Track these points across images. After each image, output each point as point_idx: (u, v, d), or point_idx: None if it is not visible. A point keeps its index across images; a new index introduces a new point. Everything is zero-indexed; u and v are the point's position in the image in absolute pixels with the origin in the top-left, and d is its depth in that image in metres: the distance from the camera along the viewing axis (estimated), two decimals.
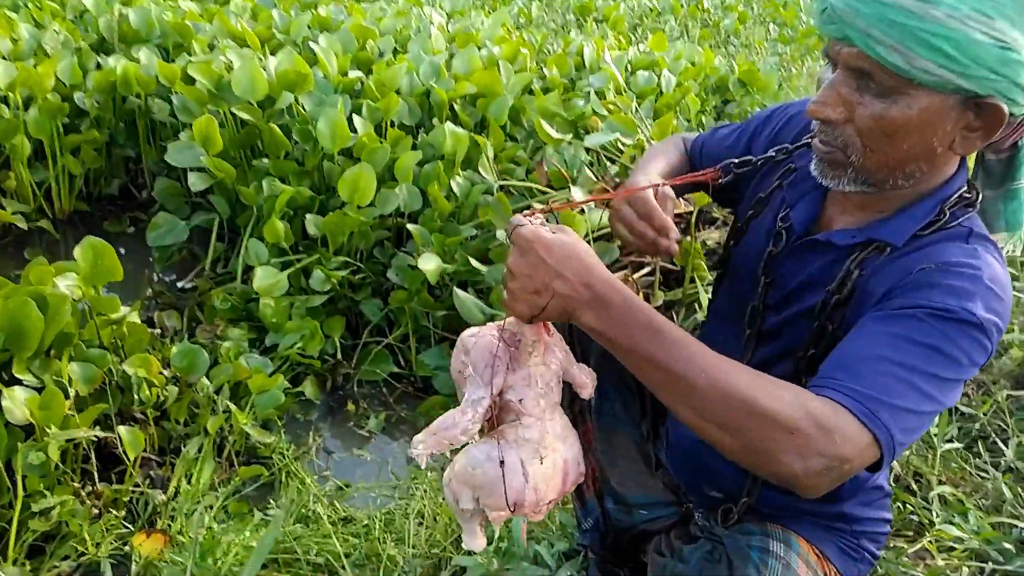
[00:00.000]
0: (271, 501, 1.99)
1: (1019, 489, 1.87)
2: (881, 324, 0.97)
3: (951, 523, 1.71)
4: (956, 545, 1.70)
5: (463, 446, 1.01)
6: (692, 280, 2.43)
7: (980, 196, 1.08)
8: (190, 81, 3.04)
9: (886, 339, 0.95)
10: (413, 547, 1.67)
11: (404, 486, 2.05)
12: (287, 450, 2.11)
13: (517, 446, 0.99)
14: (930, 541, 1.68)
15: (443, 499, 1.86)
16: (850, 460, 0.87)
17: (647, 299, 2.43)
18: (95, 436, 1.82)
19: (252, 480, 2.03)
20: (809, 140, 1.16)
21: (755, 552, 1.11)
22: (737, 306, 1.27)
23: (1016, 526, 1.75)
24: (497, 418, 1.04)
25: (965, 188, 1.07)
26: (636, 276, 2.51)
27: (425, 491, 1.95)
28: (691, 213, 2.60)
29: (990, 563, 1.65)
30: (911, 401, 0.92)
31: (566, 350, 1.08)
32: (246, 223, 2.80)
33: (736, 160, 1.23)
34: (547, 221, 1.00)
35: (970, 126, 0.97)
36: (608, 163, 2.94)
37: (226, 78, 2.97)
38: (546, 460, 1.00)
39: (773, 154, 1.23)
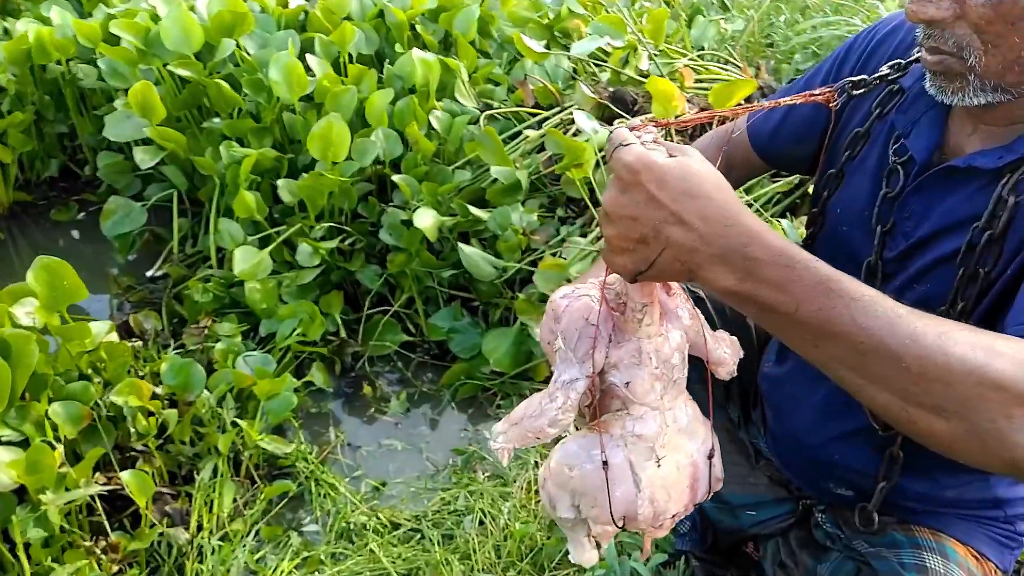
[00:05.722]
0: (305, 515, 1.81)
1: None
2: None
3: None
4: None
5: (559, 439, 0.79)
6: None
7: None
8: (114, 40, 2.66)
9: None
10: (484, 570, 1.50)
11: (444, 476, 1.89)
12: (310, 455, 1.91)
13: (625, 444, 0.78)
14: None
15: (538, 500, 1.67)
16: None
17: None
18: (96, 492, 1.61)
19: (281, 496, 1.84)
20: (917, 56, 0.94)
21: (912, 573, 0.94)
22: (841, 265, 1.05)
23: None
24: (600, 405, 0.81)
25: None
26: None
27: (474, 481, 1.78)
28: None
29: None
30: None
31: (695, 314, 0.84)
32: (208, 196, 2.51)
33: (853, 79, 0.99)
34: (662, 138, 0.72)
35: None
36: (596, 70, 2.65)
37: (154, 30, 2.60)
38: (665, 462, 0.79)
39: (887, 71, 0.99)
